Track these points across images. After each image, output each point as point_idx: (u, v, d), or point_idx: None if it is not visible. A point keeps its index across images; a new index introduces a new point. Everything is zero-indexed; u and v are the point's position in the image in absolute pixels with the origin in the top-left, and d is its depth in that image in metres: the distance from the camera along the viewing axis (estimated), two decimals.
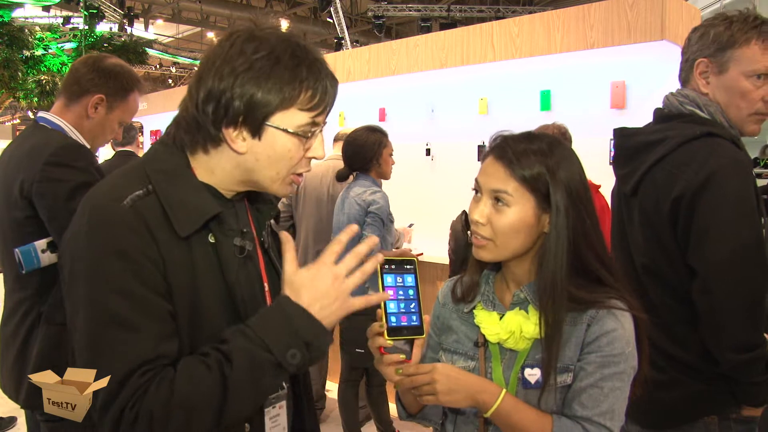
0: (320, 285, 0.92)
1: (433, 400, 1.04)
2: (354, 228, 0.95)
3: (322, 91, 0.97)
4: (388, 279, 1.02)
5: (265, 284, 1.08)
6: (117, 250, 0.89)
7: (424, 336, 1.03)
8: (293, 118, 0.96)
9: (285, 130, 0.96)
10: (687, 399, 1.37)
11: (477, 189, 1.13)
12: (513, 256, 1.11)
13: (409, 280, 1.04)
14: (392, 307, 1.01)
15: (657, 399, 1.38)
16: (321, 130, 1.01)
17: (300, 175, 1.03)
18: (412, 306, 1.02)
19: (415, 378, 1.04)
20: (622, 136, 1.56)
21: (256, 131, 0.96)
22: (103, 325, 0.88)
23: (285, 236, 0.98)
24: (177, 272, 0.92)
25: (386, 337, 1.00)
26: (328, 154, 3.58)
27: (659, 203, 1.35)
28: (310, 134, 0.99)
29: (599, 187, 3.08)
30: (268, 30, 0.97)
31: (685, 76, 1.48)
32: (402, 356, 1.03)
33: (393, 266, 1.03)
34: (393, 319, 1.00)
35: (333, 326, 0.95)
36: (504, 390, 1.04)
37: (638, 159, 1.43)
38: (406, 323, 1.01)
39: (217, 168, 1.00)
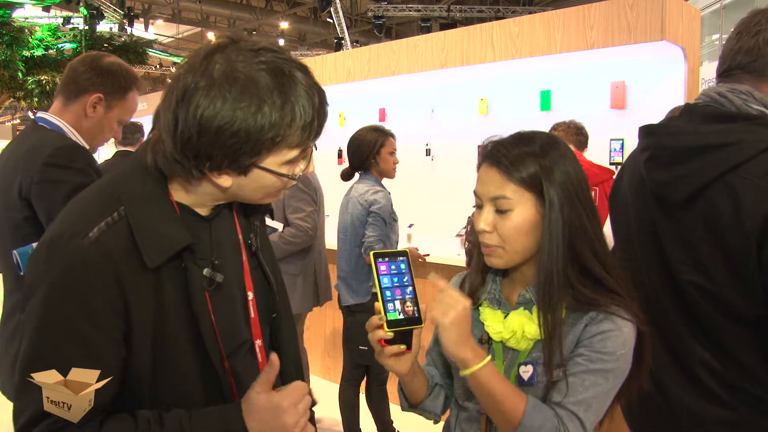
0: (273, 422, 0.91)
1: (434, 316, 1.02)
2: None
3: (311, 125, 0.92)
4: (383, 270, 1.03)
5: (249, 293, 1.06)
6: (71, 292, 0.87)
7: (422, 325, 1.03)
8: (283, 156, 0.93)
9: (272, 171, 0.93)
10: None
11: (478, 203, 1.12)
12: (525, 259, 1.11)
13: (404, 270, 1.04)
14: (389, 298, 1.02)
15: None
16: (312, 151, 0.99)
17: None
18: (408, 296, 1.03)
19: (443, 288, 1.03)
20: (668, 134, 1.32)
21: (243, 172, 0.93)
22: (37, 361, 0.86)
23: (273, 358, 0.95)
24: (140, 306, 0.90)
25: (386, 329, 1.00)
26: None
27: (740, 217, 1.16)
28: (299, 161, 0.96)
29: (613, 174, 3.07)
30: (248, 56, 0.88)
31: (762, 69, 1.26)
32: (403, 347, 1.02)
33: (386, 258, 1.04)
34: (391, 310, 1.01)
35: None
36: (489, 357, 1.03)
37: (692, 163, 1.23)
38: (404, 314, 1.02)
39: (198, 192, 0.96)
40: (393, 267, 1.04)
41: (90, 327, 0.87)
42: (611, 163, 3.69)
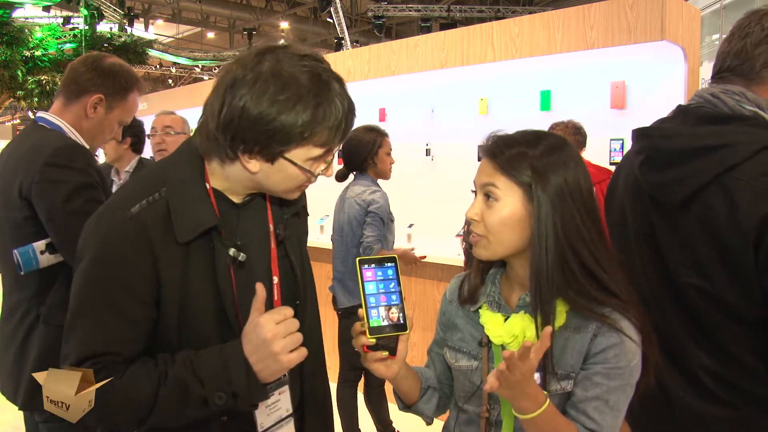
0: (256, 339, 1.00)
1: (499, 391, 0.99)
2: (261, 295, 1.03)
3: (338, 128, 1.02)
4: (368, 276, 1.03)
5: (275, 277, 1.14)
6: (111, 258, 1.01)
7: (407, 332, 1.03)
8: (308, 152, 1.03)
9: (296, 164, 1.03)
10: None
11: (474, 191, 1.13)
12: (509, 253, 1.10)
13: (390, 277, 1.04)
14: (373, 305, 1.01)
15: None
16: (333, 154, 1.09)
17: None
18: (394, 303, 1.02)
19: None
20: (662, 136, 1.30)
21: (270, 160, 1.03)
22: (79, 315, 1.03)
23: (258, 287, 1.03)
24: (170, 274, 1.03)
25: (368, 336, 1.00)
26: None
27: (736, 218, 1.14)
28: (321, 161, 1.07)
29: (611, 173, 3.06)
30: (294, 59, 1.00)
31: (758, 70, 1.25)
32: (385, 353, 1.03)
33: (372, 265, 1.04)
34: (374, 317, 1.01)
35: (272, 379, 1.04)
36: (548, 400, 1.00)
37: (687, 165, 1.21)
38: (388, 321, 1.01)
39: (231, 176, 1.08)
40: (379, 273, 1.04)
41: (121, 289, 1.01)
42: (611, 163, 3.69)
